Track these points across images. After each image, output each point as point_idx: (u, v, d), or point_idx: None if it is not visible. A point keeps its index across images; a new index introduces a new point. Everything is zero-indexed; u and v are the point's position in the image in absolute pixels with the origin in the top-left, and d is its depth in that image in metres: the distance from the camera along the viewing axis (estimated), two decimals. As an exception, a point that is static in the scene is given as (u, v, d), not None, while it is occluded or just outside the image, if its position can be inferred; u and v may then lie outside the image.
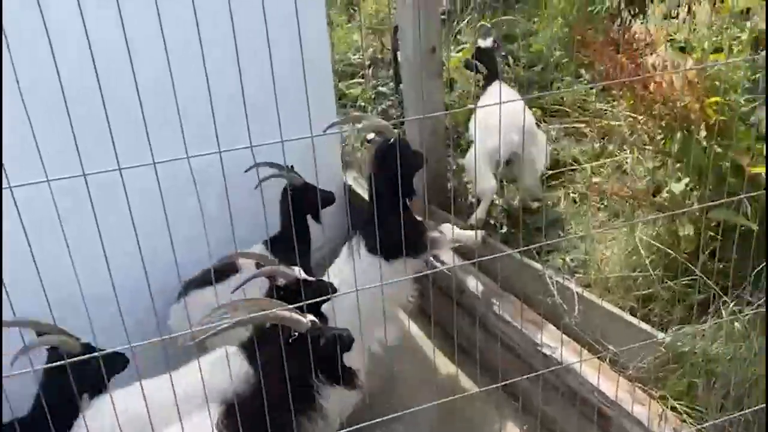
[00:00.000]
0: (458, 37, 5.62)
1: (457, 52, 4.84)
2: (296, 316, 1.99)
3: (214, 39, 1.64)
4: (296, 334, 2.01)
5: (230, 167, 1.57)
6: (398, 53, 4.63)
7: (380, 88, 5.44)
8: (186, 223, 2.02)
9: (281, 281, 2.56)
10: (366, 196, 3.31)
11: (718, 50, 3.13)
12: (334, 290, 2.63)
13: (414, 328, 3.61)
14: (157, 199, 1.54)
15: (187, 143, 1.43)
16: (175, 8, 1.57)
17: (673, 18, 3.13)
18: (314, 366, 2.05)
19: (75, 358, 1.85)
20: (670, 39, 3.07)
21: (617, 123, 3.48)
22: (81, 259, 1.76)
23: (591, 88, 3.67)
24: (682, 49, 3.09)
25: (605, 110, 3.79)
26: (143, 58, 1.65)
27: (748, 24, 3.34)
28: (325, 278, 2.92)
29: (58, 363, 1.83)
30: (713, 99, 2.57)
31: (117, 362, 2.51)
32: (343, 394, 2.41)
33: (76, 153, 1.42)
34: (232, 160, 1.56)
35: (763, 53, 3.21)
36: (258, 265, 2.74)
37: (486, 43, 4.07)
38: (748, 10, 3.38)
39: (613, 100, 3.63)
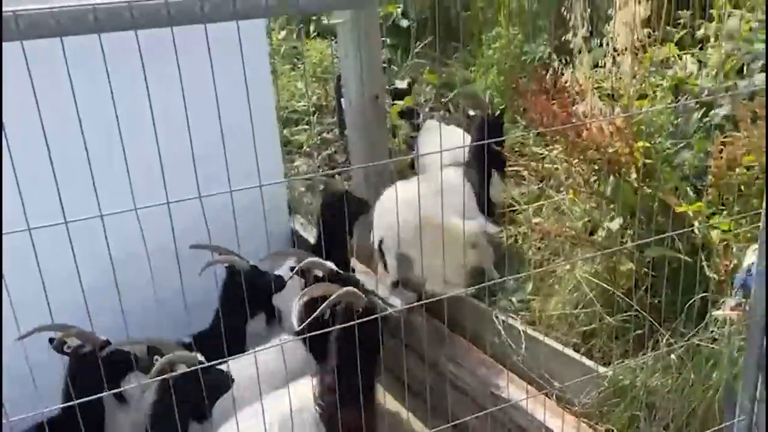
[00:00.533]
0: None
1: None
2: (358, 292, 2.49)
3: (157, 89, 1.65)
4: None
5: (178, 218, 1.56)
6: (342, 101, 4.74)
7: (325, 135, 5.52)
8: (135, 272, 2.00)
9: (319, 273, 2.88)
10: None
11: (642, 97, 3.34)
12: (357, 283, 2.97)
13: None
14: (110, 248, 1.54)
15: (135, 194, 1.43)
16: (120, 61, 1.59)
17: (600, 67, 3.34)
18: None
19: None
20: (598, 87, 3.27)
21: (554, 166, 3.64)
22: (26, 312, 1.72)
23: (528, 134, 3.85)
24: (610, 97, 3.29)
25: (542, 154, 3.96)
26: (91, 112, 1.65)
27: (669, 72, 3.59)
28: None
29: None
30: (640, 143, 2.74)
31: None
32: None
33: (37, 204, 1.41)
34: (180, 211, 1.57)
35: (683, 99, 3.46)
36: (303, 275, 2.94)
37: (402, 84, 4.28)
38: (668, 59, 3.64)
39: (548, 145, 3.80)
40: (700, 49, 3.69)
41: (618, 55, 3.16)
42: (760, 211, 1.97)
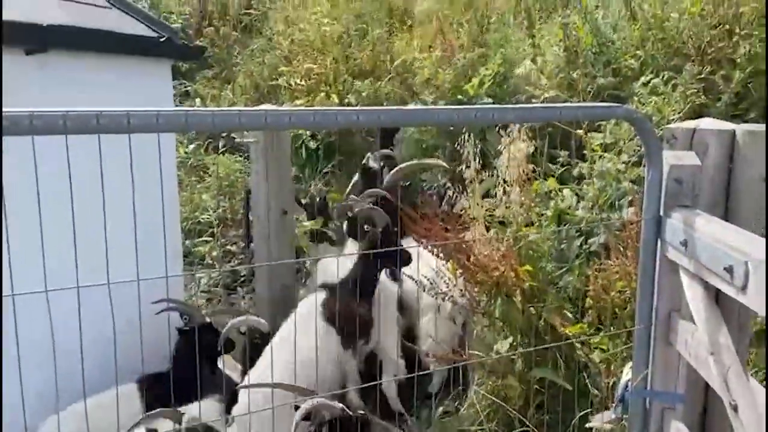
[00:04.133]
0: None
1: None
2: None
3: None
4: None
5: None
6: (250, 215, 4.81)
7: (229, 247, 5.52)
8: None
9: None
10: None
11: (529, 224, 3.67)
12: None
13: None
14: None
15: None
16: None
17: (492, 197, 3.66)
18: None
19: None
20: (491, 215, 3.57)
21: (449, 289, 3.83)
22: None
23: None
24: (501, 223, 3.59)
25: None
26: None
27: (552, 203, 3.98)
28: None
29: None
30: (525, 267, 2.99)
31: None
32: None
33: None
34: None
35: (566, 227, 3.82)
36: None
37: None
38: (550, 192, 4.04)
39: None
40: (578, 184, 4.13)
41: (507, 186, 3.49)
42: (633, 329, 2.20)
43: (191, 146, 6.89)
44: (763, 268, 1.41)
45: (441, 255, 3.21)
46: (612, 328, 2.84)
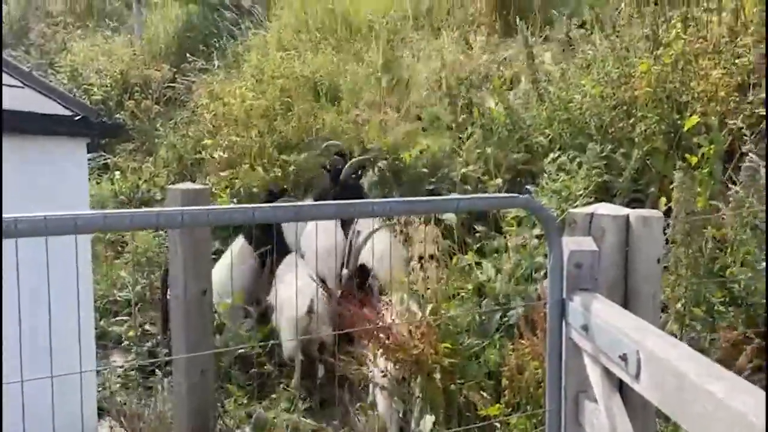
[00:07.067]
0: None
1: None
2: None
3: None
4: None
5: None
6: (168, 293, 4.66)
7: (147, 327, 5.31)
8: None
9: None
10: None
11: (448, 298, 3.72)
12: None
13: None
14: None
15: None
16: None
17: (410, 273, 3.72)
18: None
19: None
20: (413, 291, 3.60)
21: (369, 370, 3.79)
22: None
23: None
24: (422, 297, 3.62)
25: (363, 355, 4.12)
26: None
27: (471, 276, 4.06)
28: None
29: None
30: (444, 344, 3.02)
31: None
32: None
33: None
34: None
35: (485, 301, 3.89)
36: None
37: None
38: (469, 265, 4.13)
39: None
40: (496, 257, 4.25)
41: (425, 262, 3.56)
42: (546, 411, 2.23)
43: (109, 220, 6.66)
44: (655, 359, 1.48)
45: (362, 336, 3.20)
46: (528, 407, 2.88)
